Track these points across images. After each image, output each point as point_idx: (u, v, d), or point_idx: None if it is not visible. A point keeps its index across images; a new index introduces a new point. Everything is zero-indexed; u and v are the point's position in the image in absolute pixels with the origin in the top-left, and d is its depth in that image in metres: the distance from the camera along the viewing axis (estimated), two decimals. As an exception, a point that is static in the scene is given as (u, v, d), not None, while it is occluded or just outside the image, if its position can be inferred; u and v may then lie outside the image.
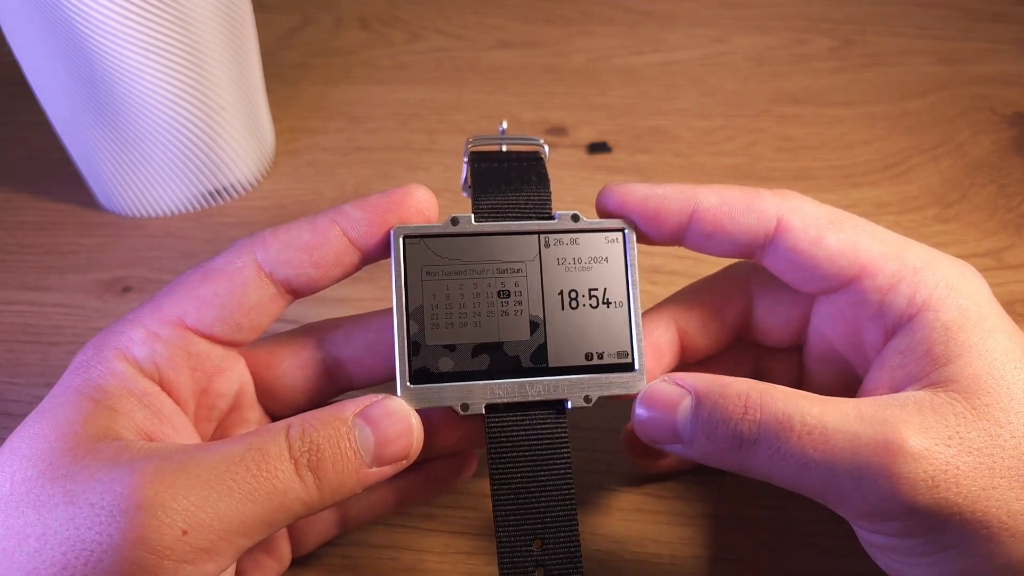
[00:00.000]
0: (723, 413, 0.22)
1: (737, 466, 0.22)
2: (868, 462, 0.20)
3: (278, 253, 0.23)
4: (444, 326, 0.23)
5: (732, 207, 0.24)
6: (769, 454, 0.21)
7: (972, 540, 0.20)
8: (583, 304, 0.24)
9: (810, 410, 0.21)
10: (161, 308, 0.23)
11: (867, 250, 0.24)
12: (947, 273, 0.23)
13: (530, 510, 0.23)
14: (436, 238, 0.24)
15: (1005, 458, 0.20)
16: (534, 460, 0.23)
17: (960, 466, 0.20)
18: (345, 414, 0.21)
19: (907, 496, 0.20)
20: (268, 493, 0.20)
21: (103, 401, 0.21)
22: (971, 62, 0.58)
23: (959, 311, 0.22)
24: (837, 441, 0.20)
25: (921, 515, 0.20)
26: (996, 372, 0.21)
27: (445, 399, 0.23)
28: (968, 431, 0.20)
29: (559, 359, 0.24)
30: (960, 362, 0.21)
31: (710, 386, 0.22)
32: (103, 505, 0.18)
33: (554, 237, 0.24)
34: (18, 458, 0.20)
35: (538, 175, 0.25)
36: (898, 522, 0.21)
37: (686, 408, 0.22)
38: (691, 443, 0.22)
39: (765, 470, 0.21)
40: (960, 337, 0.22)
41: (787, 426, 0.21)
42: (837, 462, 0.20)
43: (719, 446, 0.22)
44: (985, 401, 0.21)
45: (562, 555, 0.23)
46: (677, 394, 0.23)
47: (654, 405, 0.23)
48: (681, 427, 0.22)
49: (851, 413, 0.21)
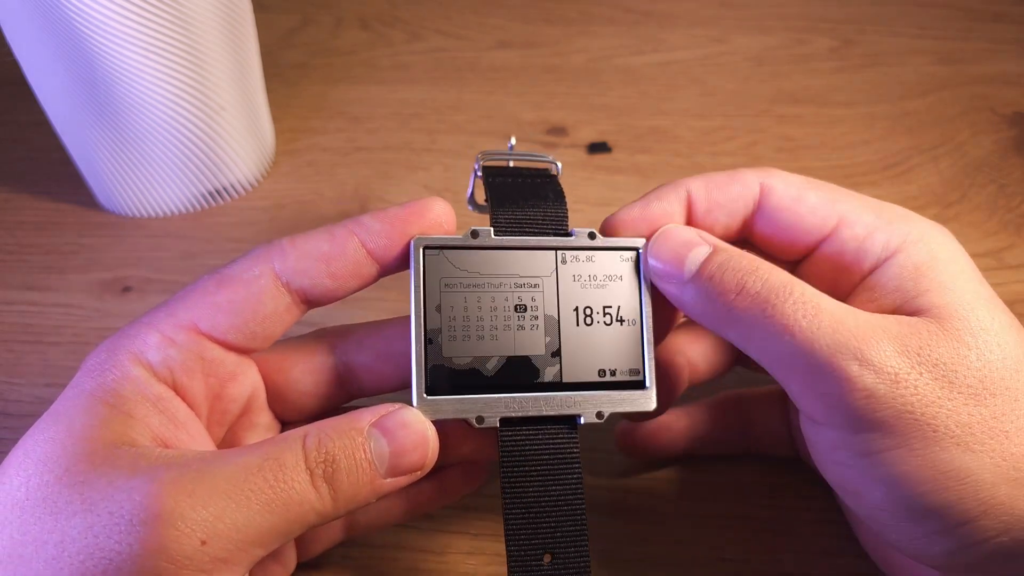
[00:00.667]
0: (736, 263, 0.23)
1: (725, 316, 0.23)
2: (846, 343, 0.21)
3: (296, 262, 0.23)
4: (461, 338, 0.23)
5: (718, 181, 0.26)
6: (761, 311, 0.22)
7: (917, 441, 0.21)
8: (597, 321, 0.24)
9: (809, 289, 0.22)
10: (176, 313, 0.23)
11: (845, 203, 0.25)
12: (920, 224, 0.25)
13: (541, 524, 0.23)
14: (455, 250, 0.24)
15: (967, 376, 0.21)
16: (546, 474, 0.23)
17: (923, 373, 0.21)
18: (361, 424, 0.21)
19: (869, 382, 0.21)
20: (285, 504, 0.20)
21: (118, 406, 0.21)
22: (971, 62, 0.58)
23: (929, 254, 0.24)
24: (824, 319, 0.21)
25: (875, 406, 0.21)
26: (966, 304, 0.22)
27: (461, 411, 0.23)
28: (937, 346, 0.21)
29: (573, 375, 0.24)
30: (931, 295, 0.23)
31: (728, 245, 0.24)
32: (122, 514, 0.18)
33: (571, 254, 0.25)
34: (33, 462, 0.20)
35: (555, 192, 0.26)
36: (852, 409, 0.21)
37: (701, 252, 0.24)
38: (692, 281, 0.23)
39: (748, 329, 0.22)
40: (930, 275, 0.23)
41: (788, 291, 0.22)
42: (818, 336, 0.21)
43: (719, 289, 0.23)
44: (956, 326, 0.22)
45: (572, 569, 0.23)
46: (697, 237, 0.24)
47: (671, 239, 0.24)
48: (689, 266, 0.23)
49: (844, 307, 0.22)
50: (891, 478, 0.21)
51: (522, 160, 0.27)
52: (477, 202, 0.27)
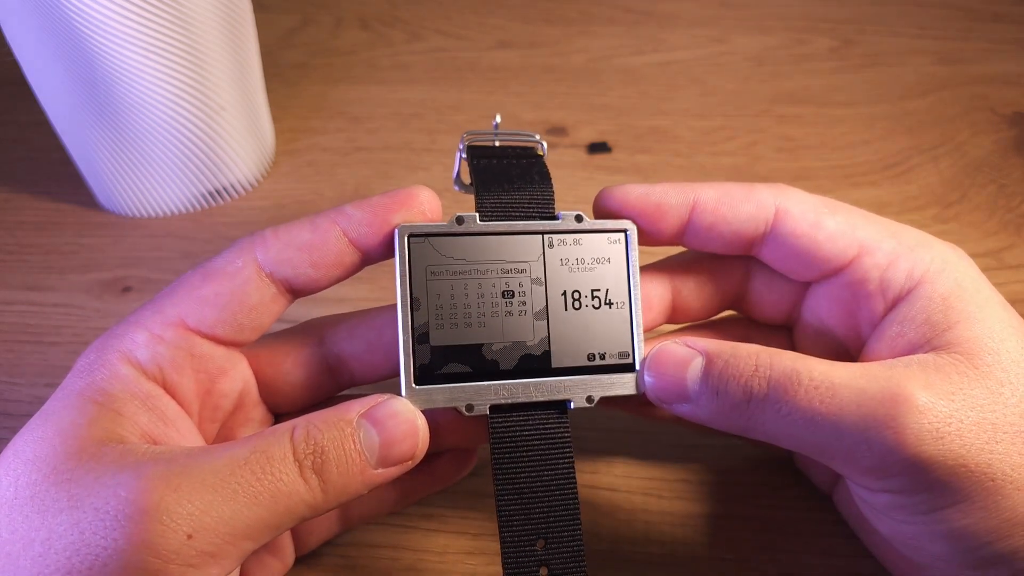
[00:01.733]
0: (734, 370, 0.22)
1: (743, 424, 0.22)
2: (874, 414, 0.20)
3: (278, 253, 0.23)
4: (449, 326, 0.23)
5: (731, 197, 0.25)
6: (777, 409, 0.21)
7: (977, 493, 0.20)
8: (585, 305, 0.24)
9: (817, 367, 0.21)
10: (163, 310, 0.23)
11: (864, 229, 0.25)
12: (941, 250, 0.24)
13: (534, 510, 0.23)
14: (441, 237, 0.24)
15: (1008, 414, 0.20)
16: (537, 460, 0.23)
17: (964, 420, 0.20)
18: (350, 415, 0.21)
19: (912, 447, 0.20)
20: (273, 496, 0.19)
21: (107, 404, 0.21)
22: (971, 62, 0.58)
23: (955, 283, 0.23)
24: (844, 395, 0.21)
25: (926, 467, 0.20)
26: (995, 336, 0.22)
27: (450, 400, 0.23)
28: (971, 388, 0.21)
29: (562, 360, 0.24)
30: (959, 328, 0.22)
31: (720, 347, 0.23)
32: (108, 510, 0.18)
33: (558, 237, 0.24)
34: (22, 461, 0.20)
35: (540, 174, 0.25)
36: (903, 476, 0.20)
37: (697, 367, 0.23)
38: (699, 400, 0.23)
39: (771, 427, 0.22)
40: (958, 306, 0.23)
41: (796, 381, 0.21)
42: (844, 415, 0.20)
43: (728, 402, 0.22)
44: (987, 362, 0.21)
45: (566, 554, 0.23)
46: (687, 354, 0.23)
47: (664, 363, 0.23)
48: (691, 384, 0.23)
49: (857, 371, 0.21)
50: (954, 532, 0.21)
51: (508, 139, 0.27)
52: (463, 182, 0.27)
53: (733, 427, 0.23)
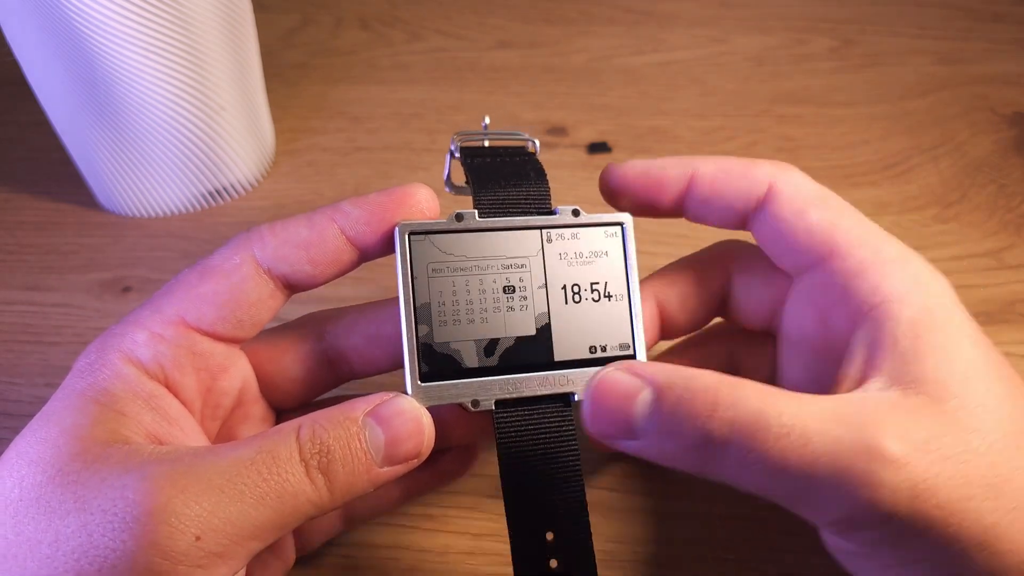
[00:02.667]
0: (689, 409, 0.19)
1: (699, 468, 0.20)
2: (849, 467, 0.19)
3: (275, 249, 0.23)
4: (452, 323, 0.23)
5: (728, 172, 0.25)
6: (740, 456, 0.19)
7: (944, 553, 0.19)
8: (585, 298, 0.24)
9: (787, 409, 0.19)
10: (162, 309, 0.23)
11: (844, 232, 0.24)
12: (917, 270, 0.23)
13: (541, 502, 0.23)
14: (441, 234, 0.24)
15: (979, 466, 0.19)
16: (543, 453, 0.24)
17: (939, 474, 0.19)
18: (355, 413, 0.21)
19: (887, 505, 0.19)
20: (279, 496, 0.19)
21: (110, 405, 0.21)
22: (971, 62, 0.58)
23: (924, 310, 0.22)
24: (817, 445, 0.19)
25: (898, 525, 0.19)
26: (962, 376, 0.20)
27: (455, 396, 0.23)
28: (943, 436, 0.19)
29: (564, 353, 0.24)
30: (928, 363, 0.21)
31: (672, 378, 0.20)
32: (115, 511, 0.18)
33: (556, 232, 0.25)
34: (26, 463, 0.20)
35: (535, 170, 0.26)
36: (873, 531, 0.20)
37: (645, 401, 0.20)
38: (648, 440, 0.20)
39: (733, 473, 0.20)
40: (926, 336, 0.21)
41: (762, 425, 0.19)
42: (816, 467, 0.19)
43: (682, 445, 0.20)
44: (954, 405, 0.20)
45: (575, 545, 0.23)
46: (634, 385, 0.20)
47: (607, 396, 0.21)
48: (638, 422, 0.20)
49: (829, 413, 0.19)
50: None
51: (497, 139, 0.27)
52: (455, 184, 0.27)
53: (688, 469, 0.20)
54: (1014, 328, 0.38)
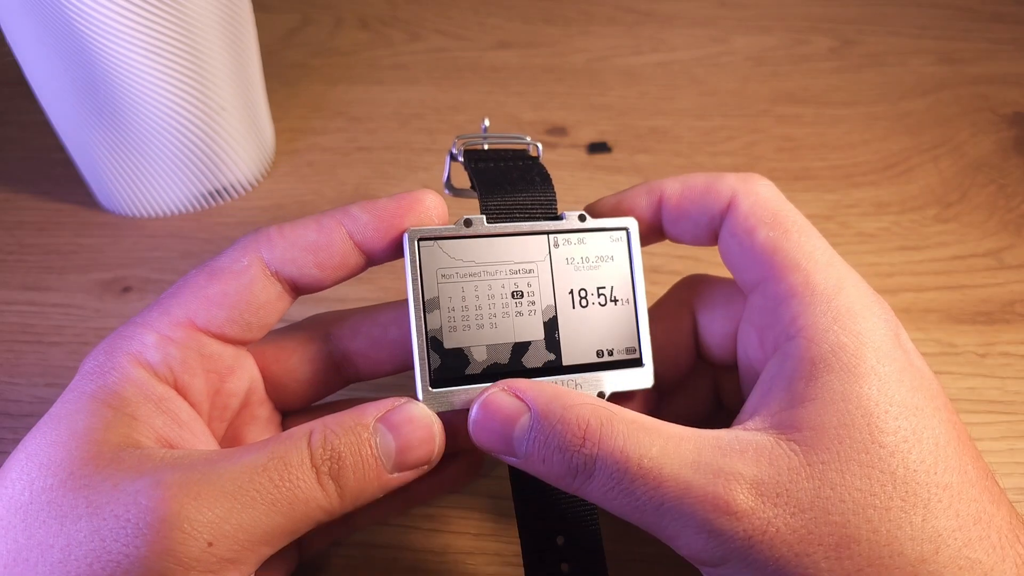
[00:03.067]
0: (560, 440, 0.21)
1: (572, 491, 0.21)
2: (692, 512, 0.20)
3: (284, 252, 0.23)
4: (461, 328, 0.23)
5: (693, 190, 0.25)
6: (603, 488, 0.20)
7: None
8: (592, 302, 0.25)
9: (648, 451, 0.20)
10: (170, 311, 0.23)
11: (785, 255, 0.23)
12: (846, 303, 0.22)
13: (551, 507, 0.23)
14: (450, 240, 0.24)
15: (827, 523, 0.19)
16: None
17: (780, 528, 0.19)
18: (366, 420, 0.21)
19: (722, 550, 0.20)
20: (291, 502, 0.19)
21: (121, 408, 0.21)
22: (971, 62, 0.58)
23: (833, 347, 0.21)
24: (668, 488, 0.20)
25: (735, 567, 0.20)
26: (844, 426, 0.20)
27: (466, 402, 0.23)
28: (798, 489, 0.20)
29: (572, 357, 0.24)
30: (813, 407, 0.21)
31: (550, 405, 0.21)
32: (128, 517, 0.18)
33: (563, 237, 0.25)
34: (36, 465, 0.20)
35: (541, 175, 0.26)
36: (718, 569, 0.20)
37: (524, 426, 0.21)
38: (526, 462, 0.21)
39: (599, 500, 0.21)
40: (823, 378, 0.21)
41: (623, 465, 0.20)
42: (666, 507, 0.20)
43: (553, 471, 0.21)
44: (822, 458, 0.20)
45: (586, 548, 0.23)
46: (515, 408, 0.22)
47: (492, 416, 0.22)
48: (517, 444, 0.21)
49: (688, 458, 0.20)
50: None
51: (498, 142, 0.27)
52: (455, 187, 0.27)
53: (565, 488, 0.21)
54: (1014, 328, 0.38)
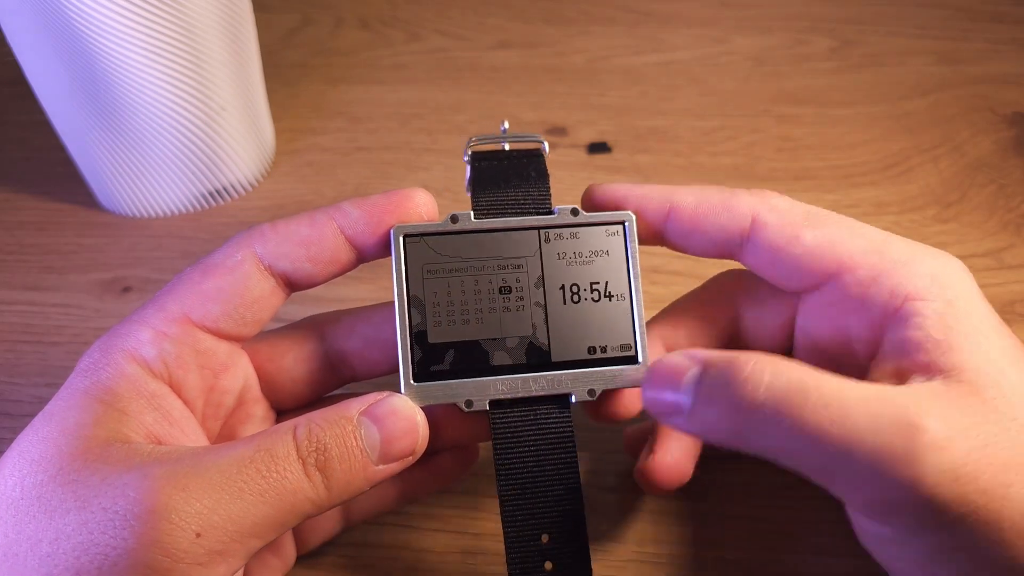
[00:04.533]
0: (730, 376, 0.20)
1: (738, 437, 0.20)
2: (891, 445, 0.18)
3: (277, 246, 0.24)
4: (447, 323, 0.24)
5: (708, 206, 0.25)
6: (778, 422, 0.19)
7: (983, 541, 0.19)
8: (585, 298, 0.24)
9: (827, 383, 0.19)
10: (166, 307, 0.23)
11: (845, 245, 0.24)
12: (931, 266, 0.23)
13: (537, 505, 0.23)
14: (436, 236, 0.24)
15: (1016, 454, 0.19)
16: (539, 455, 0.24)
17: (979, 459, 0.19)
18: (350, 413, 0.21)
19: (929, 487, 0.18)
20: (278, 494, 0.20)
21: (112, 403, 0.21)
22: (971, 62, 0.58)
23: (947, 303, 0.22)
24: (858, 417, 0.19)
25: (938, 509, 0.19)
26: (995, 366, 0.21)
27: (449, 396, 0.23)
28: (983, 423, 0.19)
29: (562, 353, 0.24)
30: (961, 354, 0.21)
31: (720, 355, 0.21)
32: (116, 510, 0.18)
33: (554, 232, 0.25)
34: (27, 461, 0.20)
35: (537, 171, 0.26)
36: (911, 515, 0.19)
37: (692, 375, 0.21)
38: (693, 410, 0.21)
39: (768, 442, 0.20)
40: (956, 327, 0.21)
41: (802, 393, 0.19)
42: (855, 440, 0.19)
43: (721, 411, 0.20)
44: (992, 394, 0.20)
45: (570, 548, 0.23)
46: (684, 363, 0.22)
47: (660, 374, 0.22)
48: (684, 393, 0.21)
49: (871, 392, 0.20)
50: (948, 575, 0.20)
51: (513, 141, 0.27)
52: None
53: (729, 439, 0.21)
54: (1014, 328, 0.38)
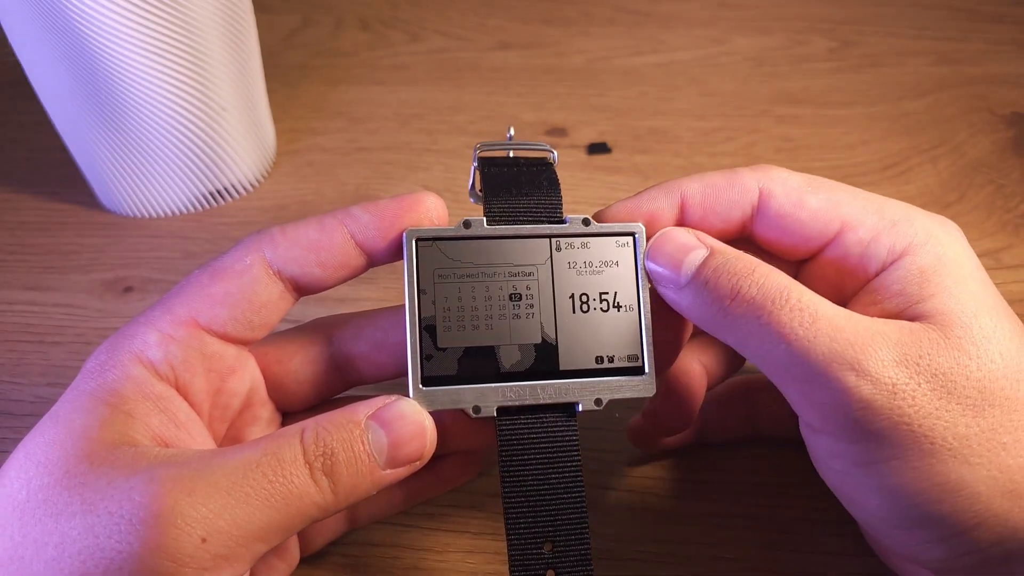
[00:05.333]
0: (732, 267, 0.22)
1: (720, 322, 0.23)
2: (843, 353, 0.21)
3: (286, 251, 0.23)
4: (456, 328, 0.24)
5: (715, 187, 0.25)
6: (756, 316, 0.22)
7: (912, 453, 0.20)
8: (594, 308, 0.24)
9: (807, 294, 0.22)
10: (173, 310, 0.23)
11: (847, 206, 0.25)
12: (926, 224, 0.24)
13: (541, 513, 0.23)
14: (448, 241, 0.24)
15: (966, 387, 0.21)
16: (545, 463, 0.23)
17: (921, 384, 0.21)
18: (358, 417, 0.21)
19: (866, 393, 0.20)
20: (284, 498, 0.20)
21: (119, 406, 0.21)
22: (969, 63, 0.58)
23: (935, 257, 0.23)
24: (821, 326, 0.21)
25: (871, 416, 0.21)
26: (968, 312, 0.22)
27: (457, 401, 0.23)
28: (938, 355, 0.21)
29: (570, 362, 0.24)
30: (934, 301, 0.22)
31: (725, 247, 0.24)
32: (122, 514, 0.18)
33: (565, 241, 0.25)
34: (34, 464, 0.20)
35: (549, 180, 0.26)
36: (847, 419, 0.21)
37: (698, 256, 0.23)
38: (688, 288, 0.23)
39: (744, 333, 0.22)
40: (935, 279, 0.23)
41: (784, 297, 0.22)
42: (815, 344, 0.21)
43: (714, 295, 0.22)
44: (958, 334, 0.21)
45: (573, 558, 0.23)
46: (692, 242, 0.24)
47: (668, 243, 0.24)
48: (685, 269, 0.23)
49: (842, 313, 0.22)
50: (887, 488, 0.21)
51: (520, 149, 0.27)
52: (478, 193, 0.27)
53: (710, 322, 0.23)
54: (1012, 328, 0.38)
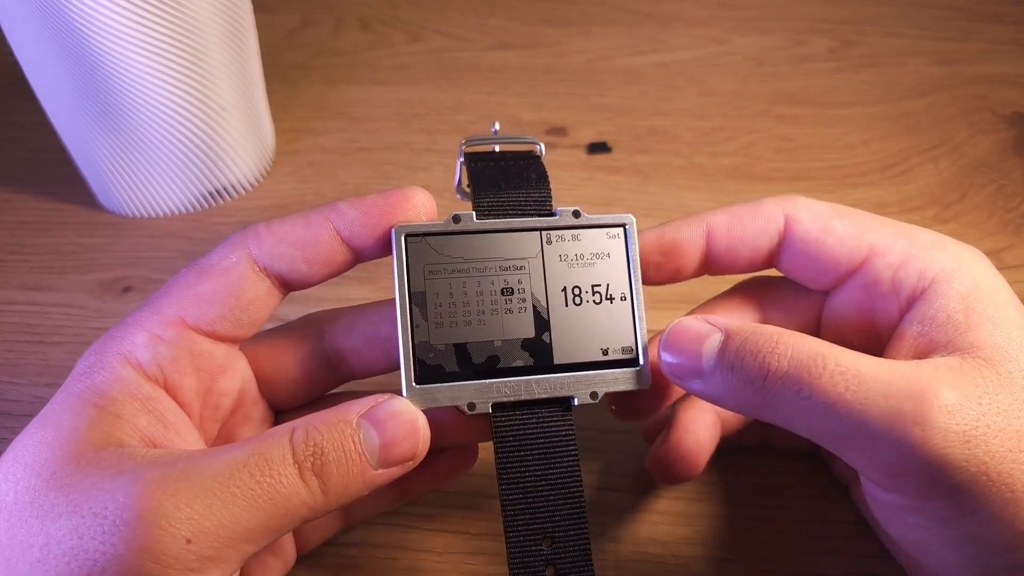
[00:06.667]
0: (753, 346, 0.21)
1: (758, 403, 0.21)
2: (901, 409, 0.19)
3: (272, 247, 0.23)
4: (448, 325, 0.23)
5: (740, 217, 0.25)
6: (796, 391, 0.20)
7: (995, 503, 0.20)
8: (586, 300, 0.24)
9: (843, 354, 0.21)
10: (161, 310, 0.23)
11: (874, 231, 0.25)
12: (956, 251, 0.24)
13: (539, 509, 0.23)
14: (438, 236, 0.24)
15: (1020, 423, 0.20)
16: (542, 458, 0.23)
17: (990, 425, 0.20)
18: (350, 416, 0.21)
19: (939, 448, 0.19)
20: (272, 499, 0.19)
21: (106, 407, 0.21)
22: (970, 63, 0.58)
23: (972, 284, 0.23)
24: (871, 385, 0.20)
25: (949, 471, 0.19)
26: (1014, 344, 0.21)
27: (451, 399, 0.23)
28: (996, 393, 0.20)
29: (564, 356, 0.24)
30: (980, 331, 0.22)
31: (742, 325, 0.22)
32: (106, 515, 0.18)
33: (556, 234, 0.24)
34: (21, 466, 0.20)
35: (537, 173, 0.25)
36: (923, 477, 0.20)
37: (715, 342, 0.22)
38: (713, 376, 0.22)
39: (788, 410, 0.21)
40: (977, 307, 0.22)
41: (820, 364, 0.20)
42: (869, 406, 0.20)
43: (743, 378, 0.21)
44: (1008, 368, 0.21)
45: (572, 553, 0.23)
46: (705, 329, 0.22)
47: (681, 337, 0.23)
48: (706, 359, 0.22)
49: (884, 364, 0.21)
50: (967, 540, 0.20)
51: (506, 143, 0.27)
52: (465, 189, 0.27)
53: (747, 406, 0.22)
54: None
